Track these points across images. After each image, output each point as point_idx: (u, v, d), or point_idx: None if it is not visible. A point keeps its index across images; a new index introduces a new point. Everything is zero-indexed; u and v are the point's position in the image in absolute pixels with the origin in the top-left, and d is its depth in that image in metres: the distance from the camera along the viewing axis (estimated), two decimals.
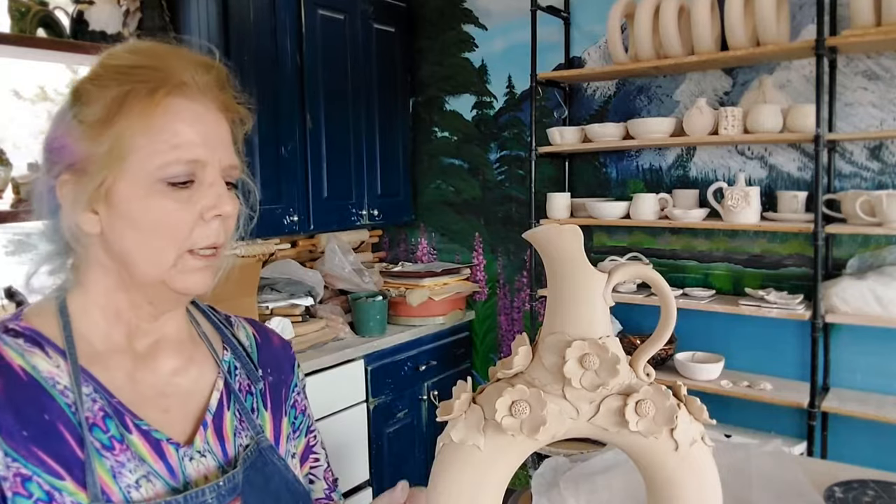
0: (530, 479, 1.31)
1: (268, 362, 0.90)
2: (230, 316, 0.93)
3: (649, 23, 2.39)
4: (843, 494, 1.30)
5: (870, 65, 2.26)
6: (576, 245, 0.69)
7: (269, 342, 0.93)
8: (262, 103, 2.54)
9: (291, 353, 0.96)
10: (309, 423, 0.94)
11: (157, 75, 0.71)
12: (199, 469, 0.75)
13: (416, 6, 3.24)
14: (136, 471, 0.70)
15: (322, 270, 2.90)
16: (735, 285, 2.54)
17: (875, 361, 2.30)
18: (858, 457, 2.21)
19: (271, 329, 0.97)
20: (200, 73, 0.75)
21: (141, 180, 0.70)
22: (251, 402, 0.85)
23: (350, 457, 2.59)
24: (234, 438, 0.80)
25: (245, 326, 0.93)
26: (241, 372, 0.86)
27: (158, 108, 0.70)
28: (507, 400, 0.67)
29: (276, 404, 0.88)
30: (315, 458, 0.95)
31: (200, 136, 0.72)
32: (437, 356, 3.00)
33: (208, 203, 0.73)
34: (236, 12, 2.43)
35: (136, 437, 0.72)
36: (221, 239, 0.76)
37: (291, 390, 0.92)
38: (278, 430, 0.87)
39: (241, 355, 0.87)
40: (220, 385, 0.82)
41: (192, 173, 0.72)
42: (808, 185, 2.37)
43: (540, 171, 2.83)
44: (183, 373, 0.80)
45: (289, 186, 2.66)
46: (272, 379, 0.89)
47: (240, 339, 0.89)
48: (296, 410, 0.92)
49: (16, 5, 1.98)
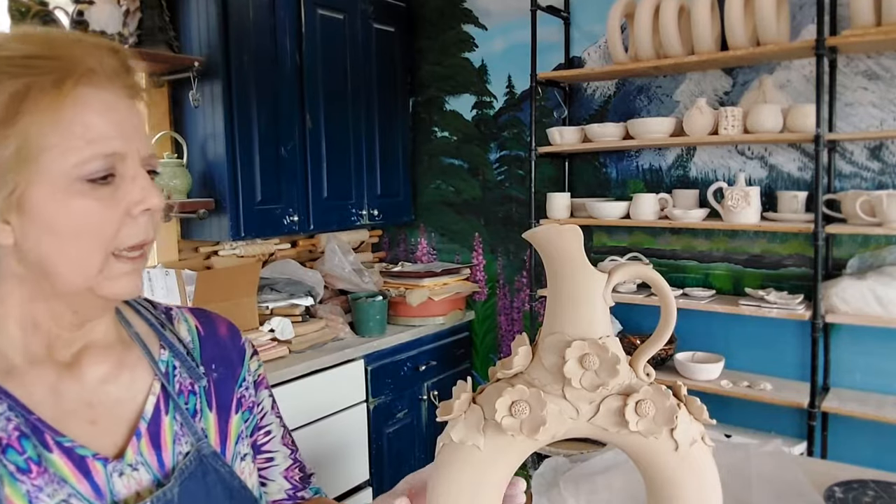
0: (530, 479, 1.31)
1: (213, 357, 0.83)
2: (171, 308, 0.86)
3: (649, 23, 2.39)
4: (843, 494, 1.30)
5: (870, 65, 2.26)
6: (576, 245, 0.69)
7: (214, 334, 0.86)
8: (262, 103, 2.54)
9: (242, 344, 0.88)
10: (258, 421, 0.87)
11: (59, 64, 0.64)
12: (131, 485, 0.69)
13: (416, 6, 3.24)
14: (56, 494, 0.64)
15: (322, 270, 2.90)
16: (735, 285, 2.55)
17: (875, 361, 2.30)
18: (858, 457, 2.21)
19: (220, 318, 0.89)
20: (106, 57, 0.67)
21: (56, 181, 0.64)
22: (194, 404, 0.78)
23: (350, 457, 2.59)
24: (172, 446, 0.74)
25: (187, 319, 0.85)
26: (180, 371, 0.79)
27: (67, 101, 0.64)
28: (507, 400, 0.68)
29: (223, 403, 0.82)
30: (268, 458, 0.88)
31: (115, 126, 0.66)
32: (437, 356, 3.00)
33: (134, 198, 0.67)
34: (236, 12, 2.43)
35: (58, 455, 0.66)
36: (151, 235, 0.70)
37: (238, 385, 0.85)
38: (225, 432, 0.80)
39: (181, 353, 0.80)
40: (156, 389, 0.76)
41: (111, 168, 0.66)
42: (808, 185, 2.37)
43: (540, 171, 2.84)
44: (113, 379, 0.74)
45: (289, 186, 2.66)
46: (217, 375, 0.82)
47: (180, 335, 0.82)
48: (241, 407, 0.84)
49: (16, 5, 1.98)
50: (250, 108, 2.50)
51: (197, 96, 2.39)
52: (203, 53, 2.42)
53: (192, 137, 2.51)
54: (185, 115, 2.53)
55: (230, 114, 2.44)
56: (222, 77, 2.41)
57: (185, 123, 2.53)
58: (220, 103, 2.42)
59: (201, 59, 2.40)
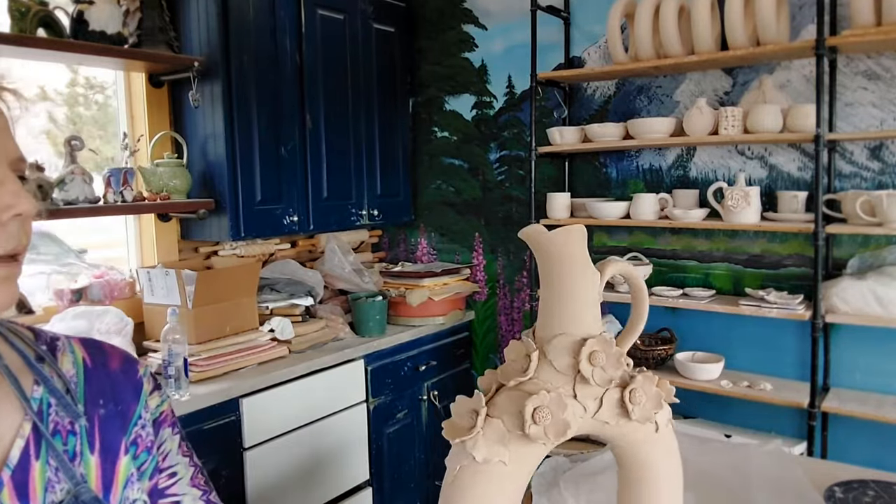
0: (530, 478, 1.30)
1: (101, 391, 0.75)
2: (58, 339, 0.77)
3: (649, 23, 2.39)
4: (843, 494, 1.29)
5: (870, 65, 2.26)
6: (581, 245, 0.70)
7: (104, 366, 0.77)
8: (262, 103, 2.54)
9: (138, 378, 0.79)
10: (158, 463, 0.78)
11: None
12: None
13: (416, 6, 3.24)
14: None
15: (322, 270, 2.90)
16: (735, 285, 2.54)
17: (875, 361, 2.30)
18: (858, 457, 2.21)
19: (115, 349, 0.81)
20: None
21: None
22: (73, 445, 0.70)
23: (350, 457, 2.59)
24: (43, 495, 0.65)
25: (75, 350, 0.77)
26: (56, 409, 0.70)
27: None
28: (531, 408, 0.67)
29: (108, 442, 0.73)
30: (174, 503, 0.79)
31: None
32: (437, 356, 3.00)
33: (3, 203, 0.62)
34: (236, 12, 2.43)
35: None
36: (24, 242, 0.64)
37: (133, 423, 0.76)
38: (110, 476, 0.72)
39: (56, 389, 0.71)
40: (25, 430, 0.67)
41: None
42: (808, 185, 2.37)
43: (540, 171, 2.84)
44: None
45: (289, 186, 2.66)
46: (105, 411, 0.74)
47: (62, 369, 0.73)
48: (137, 447, 0.76)
49: (16, 5, 1.98)
50: (250, 108, 2.50)
51: (197, 96, 2.39)
52: (203, 53, 2.42)
53: (192, 137, 2.51)
54: (185, 115, 2.53)
55: (230, 114, 2.44)
56: (222, 77, 2.41)
57: (185, 123, 2.54)
58: (220, 103, 2.42)
59: (201, 59, 2.40)
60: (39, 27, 2.04)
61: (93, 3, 2.13)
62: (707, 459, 1.39)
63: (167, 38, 2.35)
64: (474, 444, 0.67)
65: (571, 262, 0.70)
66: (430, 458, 2.99)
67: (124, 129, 2.49)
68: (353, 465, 2.61)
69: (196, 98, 2.39)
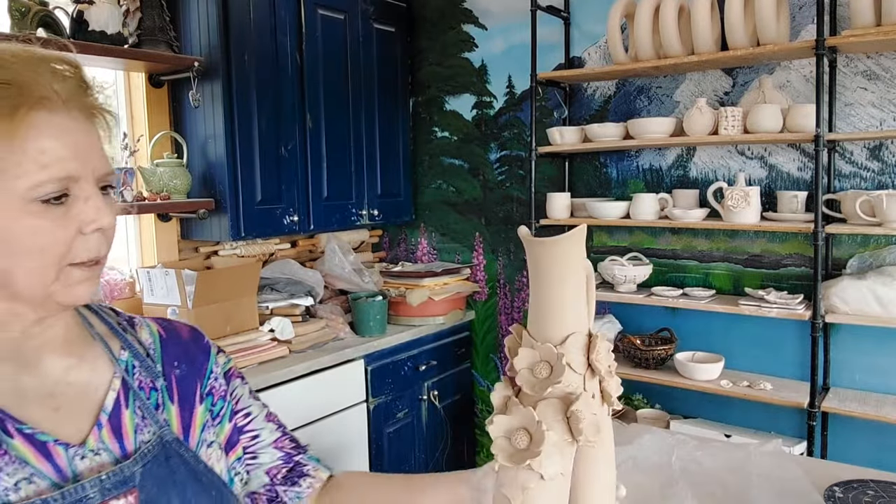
0: None
1: (176, 356, 0.89)
2: (134, 317, 0.91)
3: (649, 23, 2.39)
4: (843, 494, 1.30)
5: (870, 65, 2.26)
6: (583, 246, 0.70)
7: (176, 337, 0.92)
8: (262, 103, 2.54)
9: (205, 343, 0.94)
10: (233, 405, 0.92)
11: (13, 91, 0.67)
12: (93, 466, 0.74)
13: (416, 6, 3.24)
14: (16, 474, 0.69)
15: (322, 270, 2.90)
16: (735, 285, 2.55)
17: (875, 361, 2.30)
18: (858, 457, 2.21)
19: (182, 323, 0.96)
20: (59, 81, 0.71)
21: (12, 202, 0.68)
22: (156, 398, 0.84)
23: (350, 457, 2.59)
24: (134, 435, 0.79)
25: (150, 325, 0.91)
26: (140, 370, 0.84)
27: (21, 127, 0.67)
28: (580, 413, 0.67)
29: (185, 396, 0.87)
30: (253, 436, 0.93)
31: (70, 149, 0.70)
32: (438, 356, 3.00)
33: (87, 217, 0.71)
34: (236, 12, 2.43)
35: (19, 441, 0.70)
36: (104, 251, 0.74)
37: (206, 378, 0.91)
38: (188, 422, 0.86)
39: (140, 354, 0.85)
40: (116, 384, 0.81)
41: (64, 189, 0.69)
42: (808, 185, 2.37)
43: (540, 171, 2.84)
44: (74, 372, 0.79)
45: (289, 186, 2.66)
46: (180, 372, 0.88)
47: (141, 339, 0.88)
48: (213, 397, 0.90)
49: (16, 5, 1.98)
50: (250, 108, 2.50)
51: (197, 96, 2.39)
52: (203, 53, 2.42)
53: (192, 137, 2.51)
54: (185, 115, 2.53)
55: (230, 114, 2.44)
56: (222, 77, 2.41)
57: (185, 123, 2.53)
58: (220, 103, 2.42)
59: (201, 59, 2.40)
60: (39, 27, 2.04)
61: (93, 3, 2.13)
62: (707, 459, 1.39)
63: (167, 38, 2.35)
64: (540, 462, 0.66)
65: (576, 263, 0.70)
66: (431, 458, 2.99)
67: (124, 129, 2.49)
68: (353, 464, 2.61)
69: (196, 98, 2.39)
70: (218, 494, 0.83)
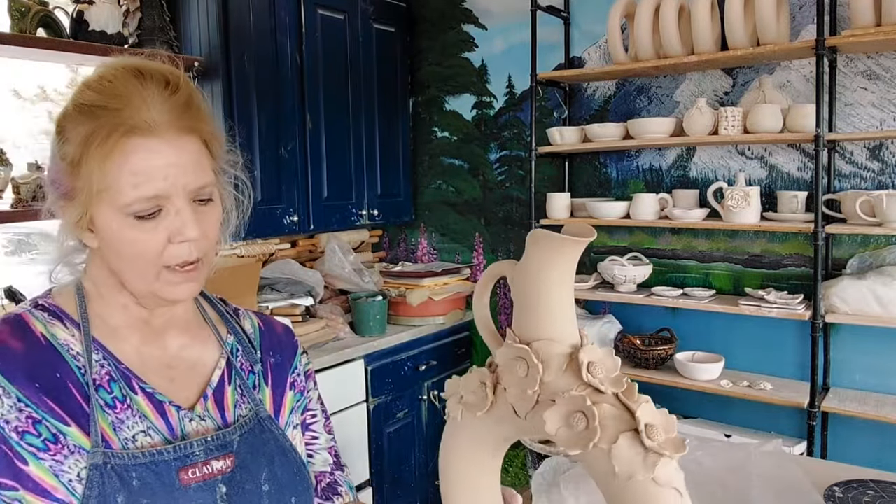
0: (530, 478, 1.31)
1: (271, 346, 1.00)
2: (239, 309, 1.03)
3: (649, 23, 2.39)
4: (843, 494, 1.30)
5: (870, 65, 2.26)
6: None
7: (272, 330, 1.03)
8: (262, 103, 2.54)
9: (294, 341, 1.05)
10: (307, 403, 1.02)
11: (114, 119, 0.76)
12: (199, 429, 0.85)
13: (416, 6, 3.24)
14: (136, 426, 0.81)
15: (322, 270, 2.90)
16: (735, 285, 2.55)
17: (875, 361, 2.30)
18: (858, 457, 2.21)
19: (276, 320, 1.07)
20: (157, 107, 0.78)
21: (113, 214, 0.78)
22: (253, 380, 0.95)
23: (350, 457, 2.59)
24: (234, 409, 0.90)
25: (251, 317, 1.02)
26: (242, 354, 0.95)
27: (116, 150, 0.75)
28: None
29: (278, 381, 0.98)
30: (313, 437, 1.02)
31: (160, 170, 0.77)
32: (438, 356, 3.00)
33: (174, 230, 0.79)
34: (236, 12, 2.43)
35: (141, 397, 0.83)
36: (194, 256, 0.82)
37: (291, 371, 1.01)
38: (279, 404, 0.97)
39: (243, 340, 0.97)
40: (222, 364, 0.92)
41: (155, 206, 0.78)
42: (808, 185, 2.37)
43: (540, 171, 2.84)
44: (188, 349, 0.91)
45: (289, 186, 2.66)
46: (274, 360, 0.99)
47: (244, 327, 0.99)
48: (294, 389, 1.00)
49: (16, 5, 1.98)
50: (250, 109, 2.50)
51: None
52: (203, 53, 2.42)
53: None
54: None
55: (230, 114, 2.44)
56: (222, 77, 2.41)
57: None
58: (219, 103, 2.42)
59: (201, 59, 2.40)
60: (39, 27, 2.04)
61: (93, 3, 2.13)
62: (707, 459, 1.39)
63: (167, 39, 2.35)
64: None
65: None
66: (431, 458, 2.99)
67: None
68: (353, 465, 2.61)
69: None
70: (298, 470, 0.92)
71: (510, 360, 0.69)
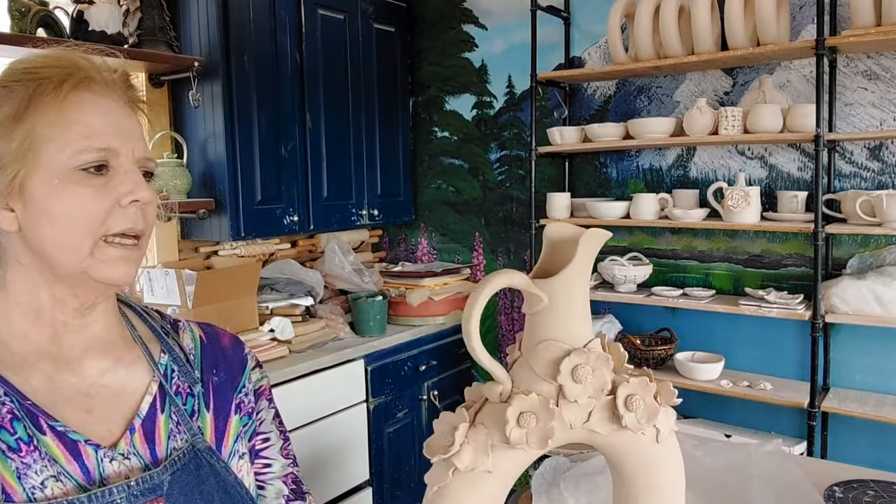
0: (530, 479, 1.31)
1: (215, 363, 0.90)
2: (179, 321, 0.93)
3: (649, 23, 2.39)
4: (843, 494, 1.30)
5: (870, 65, 2.26)
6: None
7: (216, 342, 0.93)
8: (262, 103, 2.54)
9: (244, 355, 0.95)
10: (256, 426, 0.92)
11: (62, 71, 0.73)
12: (121, 470, 0.74)
13: (416, 6, 3.24)
14: (44, 471, 0.70)
15: (322, 270, 2.90)
16: (735, 285, 2.54)
17: (875, 361, 2.30)
18: (858, 457, 2.21)
19: (225, 331, 0.96)
20: (105, 71, 0.77)
21: (55, 171, 0.71)
22: (192, 405, 0.84)
23: (350, 457, 2.59)
24: (166, 442, 0.79)
25: (192, 329, 0.93)
26: (178, 375, 0.85)
27: (67, 101, 0.72)
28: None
29: (221, 404, 0.87)
30: (265, 464, 0.91)
31: (111, 126, 0.74)
32: (437, 356, 3.00)
33: (125, 189, 0.74)
34: (236, 12, 2.43)
35: (50, 438, 0.71)
36: (140, 225, 0.76)
37: (237, 391, 0.90)
38: (222, 431, 0.86)
39: (179, 359, 0.86)
40: (153, 388, 0.81)
41: (104, 160, 0.73)
42: (808, 185, 2.37)
43: (540, 171, 2.83)
44: (110, 374, 0.80)
45: (289, 186, 2.65)
46: (217, 379, 0.89)
47: (182, 343, 0.89)
48: (240, 412, 0.89)
49: (16, 5, 1.98)
50: (250, 108, 2.50)
51: (197, 96, 2.39)
52: (203, 53, 2.42)
53: (192, 137, 2.51)
54: (185, 115, 2.53)
55: (230, 114, 2.44)
56: (222, 77, 2.41)
57: (185, 123, 2.53)
58: (220, 103, 2.42)
59: (201, 59, 2.40)
60: (39, 27, 2.04)
61: (93, 3, 2.13)
62: (707, 459, 1.39)
63: (167, 38, 2.35)
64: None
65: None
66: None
67: None
68: (353, 464, 2.61)
69: (196, 98, 2.39)
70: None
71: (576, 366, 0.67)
